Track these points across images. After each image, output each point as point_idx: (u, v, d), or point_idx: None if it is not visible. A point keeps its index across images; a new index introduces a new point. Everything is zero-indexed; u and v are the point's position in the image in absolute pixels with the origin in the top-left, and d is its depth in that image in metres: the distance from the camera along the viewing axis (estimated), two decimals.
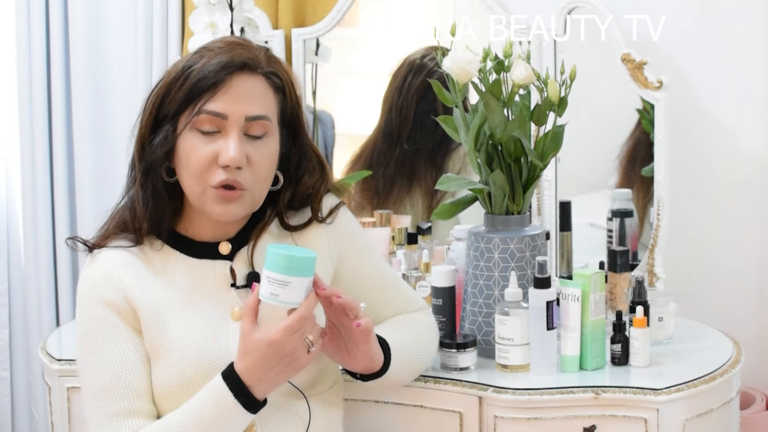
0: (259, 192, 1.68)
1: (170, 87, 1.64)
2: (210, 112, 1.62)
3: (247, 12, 2.41)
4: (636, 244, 2.36)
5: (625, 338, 1.96)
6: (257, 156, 1.65)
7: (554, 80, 1.97)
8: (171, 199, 1.69)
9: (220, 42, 1.68)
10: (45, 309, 2.85)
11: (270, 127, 1.66)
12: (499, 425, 1.87)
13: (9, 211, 2.96)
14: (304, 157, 1.75)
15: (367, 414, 1.93)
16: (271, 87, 1.68)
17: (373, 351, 1.67)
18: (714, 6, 2.37)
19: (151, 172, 1.66)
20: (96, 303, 1.66)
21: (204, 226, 1.72)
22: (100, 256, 1.69)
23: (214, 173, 1.63)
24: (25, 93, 2.82)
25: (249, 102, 1.63)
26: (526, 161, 2.01)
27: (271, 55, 1.72)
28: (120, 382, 1.64)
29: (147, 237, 1.70)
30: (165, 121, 1.65)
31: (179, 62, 1.68)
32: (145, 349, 1.67)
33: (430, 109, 2.48)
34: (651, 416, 1.83)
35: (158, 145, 1.64)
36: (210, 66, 1.62)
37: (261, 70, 1.66)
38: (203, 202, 1.66)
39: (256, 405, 1.59)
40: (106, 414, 1.63)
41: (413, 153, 2.54)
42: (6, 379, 2.94)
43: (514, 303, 1.92)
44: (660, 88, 2.20)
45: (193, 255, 1.71)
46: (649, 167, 2.27)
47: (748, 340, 2.27)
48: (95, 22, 2.77)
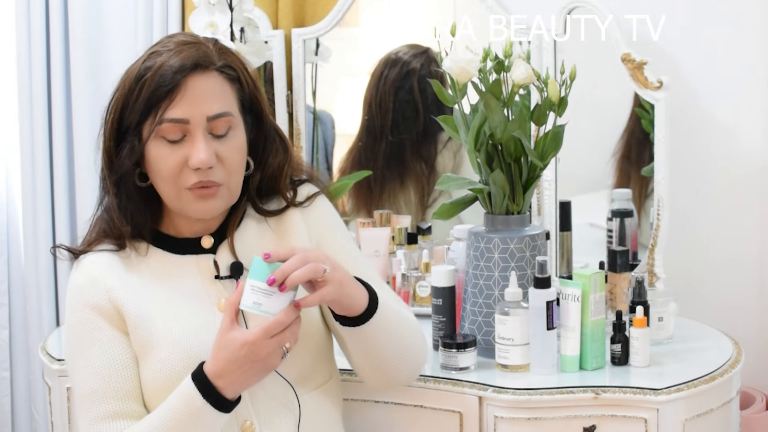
0: (235, 184, 1.69)
1: (127, 98, 1.64)
2: (171, 119, 1.62)
3: (246, 12, 2.41)
4: (636, 244, 2.36)
5: (625, 338, 1.96)
6: (226, 151, 1.65)
7: (554, 80, 1.97)
8: (147, 202, 1.71)
9: (169, 43, 1.67)
10: (45, 309, 2.85)
11: (233, 120, 1.67)
12: (499, 425, 1.87)
13: (9, 211, 2.96)
14: (269, 139, 1.75)
15: (367, 414, 1.93)
16: (227, 80, 1.67)
17: (353, 290, 1.63)
18: (714, 6, 2.37)
19: (122, 182, 1.68)
20: (81, 307, 1.68)
21: (184, 224, 1.73)
22: (85, 260, 1.71)
23: (186, 176, 1.64)
24: (25, 93, 2.82)
25: (208, 102, 1.63)
26: (526, 161, 2.01)
27: (221, 46, 1.71)
28: (106, 384, 1.64)
29: (130, 241, 1.71)
30: (128, 132, 1.65)
31: (131, 69, 1.67)
32: (132, 351, 1.67)
33: (409, 100, 2.51)
34: (651, 416, 1.83)
35: (126, 157, 1.65)
36: (163, 72, 1.62)
37: (213, 66, 1.65)
38: (181, 205, 1.67)
39: (226, 404, 1.58)
40: (93, 417, 1.64)
41: (399, 144, 2.55)
42: (6, 379, 2.94)
43: (514, 303, 1.92)
44: (660, 88, 2.20)
45: (176, 252, 1.73)
46: (649, 167, 2.27)
47: (748, 340, 2.27)
48: (95, 23, 2.77)
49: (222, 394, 1.57)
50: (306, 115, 2.53)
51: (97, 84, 2.78)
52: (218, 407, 1.58)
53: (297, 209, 1.77)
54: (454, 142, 2.50)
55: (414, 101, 2.51)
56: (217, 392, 1.57)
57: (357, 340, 1.69)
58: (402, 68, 2.53)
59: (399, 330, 1.72)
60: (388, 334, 1.69)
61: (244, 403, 1.67)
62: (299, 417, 1.70)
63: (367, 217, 2.57)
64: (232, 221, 1.74)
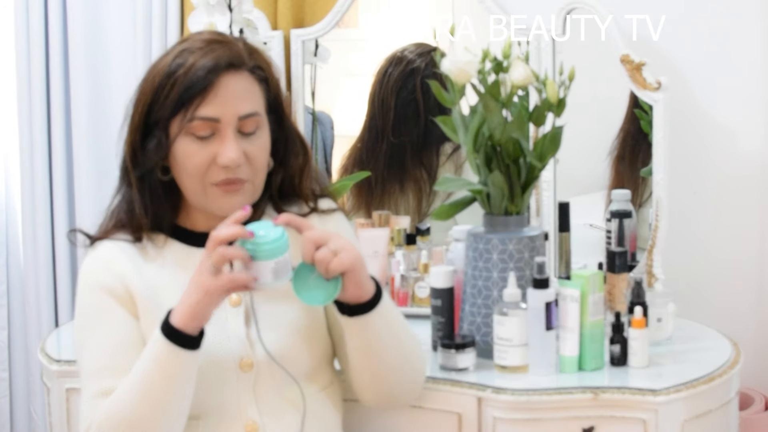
0: (259, 182, 1.72)
1: (157, 94, 1.65)
2: (203, 117, 1.64)
3: (246, 13, 2.41)
4: (634, 244, 2.36)
5: (623, 339, 1.96)
6: (253, 150, 1.68)
7: (553, 81, 1.97)
8: (168, 196, 1.72)
9: (199, 41, 1.68)
10: (44, 310, 2.85)
11: (260, 120, 1.69)
12: (498, 426, 1.87)
13: (8, 211, 2.96)
14: (290, 139, 1.77)
15: (366, 414, 1.93)
16: (256, 80, 1.70)
17: (366, 275, 1.65)
18: (714, 6, 2.37)
19: (146, 176, 1.69)
20: (94, 289, 1.70)
21: (202, 218, 1.75)
22: (100, 246, 1.74)
23: (214, 173, 1.66)
24: (24, 93, 2.82)
25: (239, 101, 1.66)
26: (524, 162, 2.01)
27: (250, 46, 1.73)
28: (113, 361, 1.65)
29: (148, 233, 1.73)
30: (156, 127, 1.66)
31: (160, 66, 1.67)
32: (140, 334, 1.68)
33: (411, 99, 2.51)
34: (650, 417, 1.83)
35: (153, 152, 1.67)
36: (196, 70, 1.63)
37: (245, 66, 1.68)
38: (206, 200, 1.69)
39: (183, 338, 1.57)
40: (96, 391, 1.64)
41: (400, 146, 2.54)
42: (5, 380, 2.94)
43: (513, 304, 1.92)
44: (659, 89, 2.20)
45: (193, 244, 1.74)
46: (648, 168, 2.27)
47: (747, 341, 2.27)
48: (94, 23, 2.77)
49: (179, 329, 1.56)
50: (305, 116, 2.53)
51: (96, 84, 2.78)
52: (176, 342, 1.56)
53: (316, 215, 1.80)
54: (457, 155, 2.50)
55: (415, 101, 2.50)
56: (175, 329, 1.56)
57: (359, 335, 1.68)
58: (406, 66, 2.52)
59: (401, 332, 1.73)
60: (390, 331, 1.70)
61: (248, 401, 1.68)
62: (304, 414, 1.70)
63: (367, 219, 2.56)
64: (251, 219, 1.74)
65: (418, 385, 1.82)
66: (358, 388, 1.78)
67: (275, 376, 1.69)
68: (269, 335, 1.69)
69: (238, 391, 1.69)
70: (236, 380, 1.69)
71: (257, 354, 1.69)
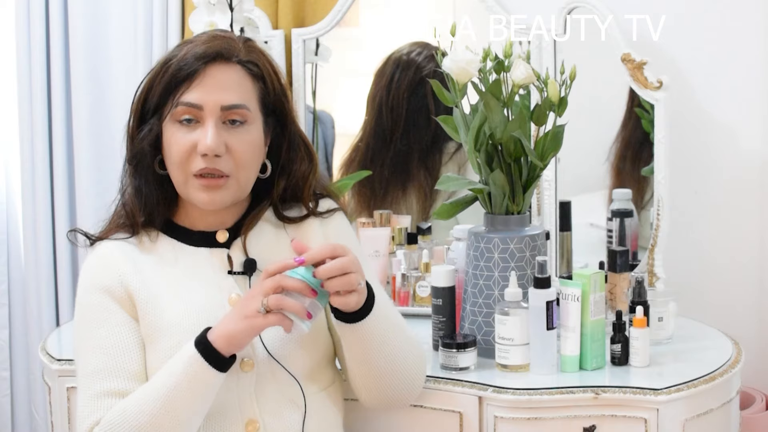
0: (245, 179, 1.71)
1: (152, 81, 1.70)
2: (185, 103, 1.66)
3: (247, 12, 2.41)
4: (636, 244, 2.36)
5: (624, 338, 1.96)
6: (236, 143, 1.68)
7: (554, 80, 1.97)
8: (163, 190, 1.74)
9: (202, 35, 1.72)
10: (45, 309, 2.85)
11: (249, 115, 1.69)
12: (499, 425, 1.87)
13: (9, 210, 2.96)
14: (293, 145, 1.78)
15: (367, 414, 1.93)
16: (248, 75, 1.71)
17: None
18: (714, 6, 2.37)
19: (140, 164, 1.72)
20: (93, 289, 1.71)
21: (198, 216, 1.75)
22: (99, 246, 1.75)
23: (194, 162, 1.68)
24: (25, 93, 2.81)
25: (224, 91, 1.67)
26: (526, 161, 2.01)
27: (252, 44, 1.74)
28: (112, 363, 1.66)
29: (143, 228, 1.75)
30: (150, 115, 1.70)
31: (162, 58, 1.73)
32: (139, 336, 1.69)
33: (422, 106, 2.49)
34: (651, 416, 1.83)
35: (143, 138, 1.70)
36: (186, 58, 1.67)
37: (236, 58, 1.69)
38: (187, 191, 1.70)
39: (220, 360, 1.59)
40: (94, 393, 1.65)
41: (406, 152, 2.53)
42: (6, 379, 2.94)
43: (514, 303, 1.92)
44: (660, 88, 2.20)
45: (190, 243, 1.75)
46: (649, 167, 2.27)
47: (748, 340, 2.27)
48: (95, 22, 2.77)
49: (215, 348, 1.59)
50: (306, 115, 2.53)
51: (96, 84, 2.78)
52: (211, 362, 1.58)
53: (317, 219, 1.80)
54: (459, 154, 2.49)
55: (427, 108, 2.48)
56: (212, 348, 1.59)
57: (353, 340, 1.68)
58: (417, 73, 2.50)
59: (395, 338, 1.72)
60: (383, 337, 1.69)
61: (250, 400, 1.68)
62: (305, 413, 1.71)
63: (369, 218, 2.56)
64: (249, 221, 1.76)
65: (416, 388, 1.81)
66: (356, 388, 1.78)
67: (276, 375, 1.69)
68: (270, 335, 1.69)
69: (240, 391, 1.69)
70: (237, 380, 1.69)
71: (258, 354, 1.69)
